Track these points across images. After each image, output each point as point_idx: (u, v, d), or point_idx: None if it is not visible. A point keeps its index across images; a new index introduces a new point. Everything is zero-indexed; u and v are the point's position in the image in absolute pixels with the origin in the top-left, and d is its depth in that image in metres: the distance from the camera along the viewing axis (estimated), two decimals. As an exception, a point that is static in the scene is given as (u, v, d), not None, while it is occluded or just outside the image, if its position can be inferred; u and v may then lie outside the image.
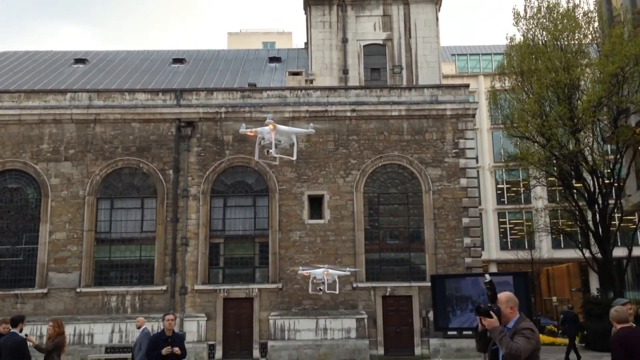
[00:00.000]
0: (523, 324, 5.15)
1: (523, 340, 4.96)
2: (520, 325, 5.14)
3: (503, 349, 4.95)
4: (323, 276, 17.98)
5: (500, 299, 5.24)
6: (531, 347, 4.96)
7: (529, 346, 4.95)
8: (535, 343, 5.03)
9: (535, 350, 5.04)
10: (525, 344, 4.93)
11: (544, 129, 25.57)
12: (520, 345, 4.91)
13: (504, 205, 41.35)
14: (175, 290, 24.12)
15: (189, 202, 24.93)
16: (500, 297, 5.26)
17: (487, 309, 5.07)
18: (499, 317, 5.09)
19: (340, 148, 25.57)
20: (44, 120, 25.30)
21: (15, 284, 24.05)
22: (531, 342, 4.99)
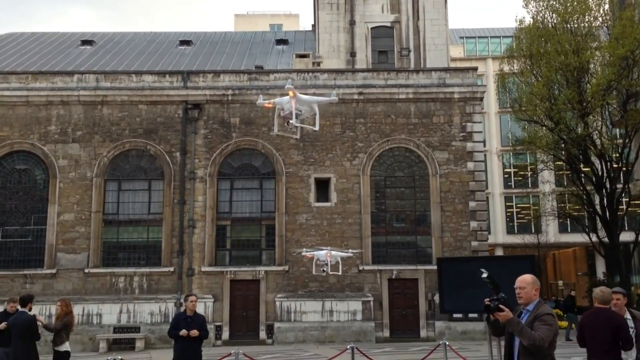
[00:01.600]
0: (542, 308, 5.06)
1: (545, 328, 4.87)
2: (540, 310, 5.04)
3: (525, 340, 4.82)
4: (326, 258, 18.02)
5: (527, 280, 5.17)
6: (552, 334, 4.90)
7: (551, 334, 4.89)
8: (555, 329, 4.97)
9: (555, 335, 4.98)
10: (548, 332, 4.86)
11: (552, 113, 25.41)
12: (543, 334, 4.82)
13: (511, 189, 41.23)
14: (183, 271, 24.30)
15: (195, 185, 25.01)
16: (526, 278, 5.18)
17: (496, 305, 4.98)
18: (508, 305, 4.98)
19: (347, 131, 25.52)
20: (52, 101, 25.35)
21: (24, 265, 24.29)
22: (553, 328, 4.93)
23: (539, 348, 4.78)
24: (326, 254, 18.04)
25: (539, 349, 4.78)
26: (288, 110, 9.88)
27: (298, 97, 9.78)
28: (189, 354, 10.09)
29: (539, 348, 4.78)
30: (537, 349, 4.79)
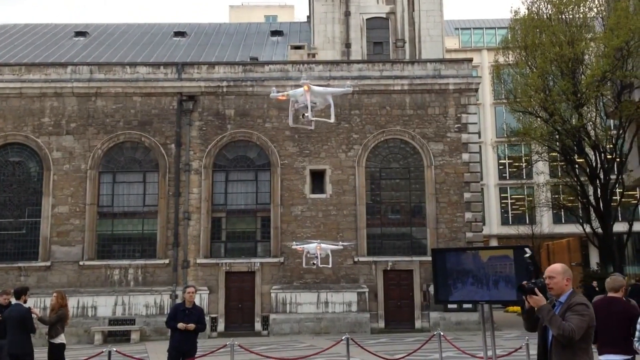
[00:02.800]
0: (576, 298, 4.77)
1: (577, 318, 4.58)
2: (573, 300, 4.75)
3: (554, 329, 4.56)
4: (316, 250, 18.02)
5: (557, 269, 4.89)
6: (586, 325, 4.61)
7: (583, 324, 4.59)
8: (589, 320, 4.66)
9: (589, 327, 4.69)
10: (579, 322, 4.57)
11: (547, 104, 25.46)
12: (574, 325, 4.54)
13: (506, 180, 41.37)
14: (178, 263, 24.30)
15: (190, 177, 24.97)
16: (556, 267, 4.91)
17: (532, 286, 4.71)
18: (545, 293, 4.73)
19: (342, 122, 25.49)
20: (45, 93, 25.22)
21: (18, 257, 24.24)
22: (585, 319, 4.63)
23: (568, 339, 4.52)
24: (316, 246, 18.04)
25: (569, 340, 4.52)
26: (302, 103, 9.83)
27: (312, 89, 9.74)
28: (184, 345, 10.20)
29: (569, 339, 4.52)
30: (566, 340, 4.53)
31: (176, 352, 10.24)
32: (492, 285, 8.56)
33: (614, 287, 7.11)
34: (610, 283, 7.16)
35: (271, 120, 25.44)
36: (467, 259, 8.95)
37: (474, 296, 8.72)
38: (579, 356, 4.63)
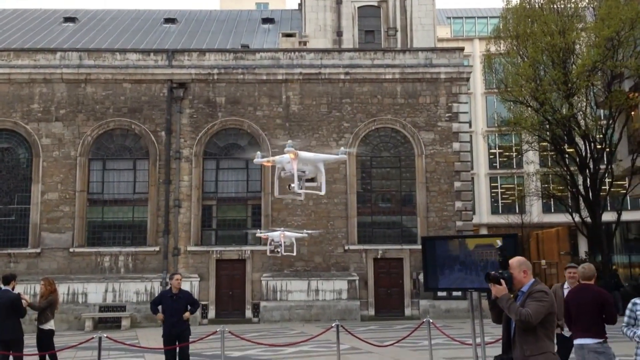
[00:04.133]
0: (537, 287, 4.94)
1: (535, 304, 4.75)
2: (534, 288, 4.93)
3: (513, 316, 4.75)
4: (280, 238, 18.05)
5: (512, 264, 5.03)
6: (544, 310, 4.76)
7: (542, 309, 4.75)
8: (549, 306, 4.81)
9: (550, 313, 4.84)
10: (537, 308, 4.73)
11: (537, 94, 25.51)
12: (530, 310, 4.71)
13: (496, 169, 41.51)
14: (168, 251, 24.28)
15: (181, 164, 24.90)
16: (512, 262, 5.05)
17: (498, 275, 4.86)
18: (510, 284, 4.88)
19: (333, 111, 25.47)
20: (34, 79, 24.99)
21: (8, 244, 24.13)
22: (544, 305, 4.77)
23: (526, 323, 4.69)
24: (280, 234, 18.06)
25: (527, 324, 4.70)
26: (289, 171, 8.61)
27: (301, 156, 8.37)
28: (174, 330, 10.41)
29: (527, 323, 4.69)
30: (524, 325, 4.71)
31: (168, 337, 10.46)
32: (481, 273, 8.63)
33: (588, 276, 7.36)
34: (583, 272, 7.39)
35: (262, 108, 25.37)
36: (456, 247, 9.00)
37: (463, 284, 8.79)
38: (541, 340, 4.77)
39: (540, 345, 4.78)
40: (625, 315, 6.72)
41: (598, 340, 7.00)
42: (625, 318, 6.72)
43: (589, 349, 6.96)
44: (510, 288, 4.87)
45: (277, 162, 8.45)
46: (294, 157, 8.06)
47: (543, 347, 4.79)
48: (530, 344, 4.76)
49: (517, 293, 4.94)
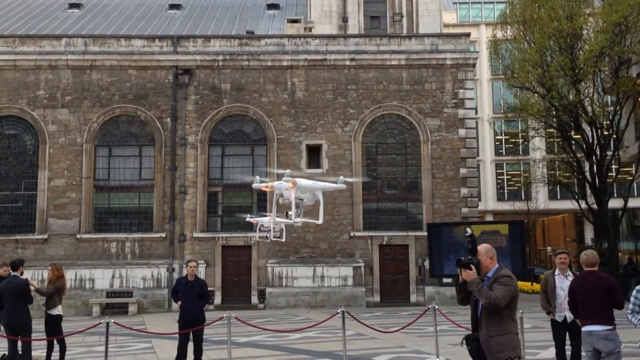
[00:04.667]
0: (502, 272, 5.25)
1: (502, 288, 5.06)
2: (500, 273, 5.24)
3: (482, 299, 5.05)
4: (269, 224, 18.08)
5: (480, 251, 5.33)
6: (510, 294, 5.07)
7: (508, 293, 5.06)
8: (513, 290, 5.13)
9: (514, 297, 5.15)
10: (504, 292, 5.04)
11: (544, 79, 25.36)
12: (499, 294, 5.02)
13: (502, 156, 41.41)
14: (175, 237, 24.38)
15: (187, 151, 24.93)
16: (479, 249, 5.34)
17: (467, 261, 5.17)
18: (479, 270, 5.18)
19: (338, 97, 25.40)
20: (40, 66, 25.00)
21: (15, 230, 24.27)
22: (509, 289, 5.09)
23: (494, 306, 4.98)
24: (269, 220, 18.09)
25: (495, 307, 4.98)
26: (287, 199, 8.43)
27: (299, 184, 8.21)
28: (189, 316, 10.77)
29: (495, 306, 4.98)
30: (493, 307, 5.00)
31: (184, 323, 10.85)
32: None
33: (592, 262, 7.34)
34: (586, 259, 7.36)
35: (267, 94, 25.33)
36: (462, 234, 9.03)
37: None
38: (505, 322, 5.08)
39: (503, 327, 5.09)
40: (630, 302, 6.73)
41: (607, 327, 6.95)
42: (630, 305, 6.72)
43: (598, 335, 6.94)
44: (477, 273, 5.18)
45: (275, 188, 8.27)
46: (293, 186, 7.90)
47: (506, 328, 5.11)
48: (495, 325, 5.07)
49: (483, 278, 5.26)
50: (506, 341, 5.06)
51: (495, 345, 5.03)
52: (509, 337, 5.09)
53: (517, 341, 5.17)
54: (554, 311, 8.95)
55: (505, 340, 5.05)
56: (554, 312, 8.96)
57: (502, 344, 5.03)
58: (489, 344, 5.06)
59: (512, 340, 5.11)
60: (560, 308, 8.90)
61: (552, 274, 9.18)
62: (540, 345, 11.90)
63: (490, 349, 5.05)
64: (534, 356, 10.75)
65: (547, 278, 9.21)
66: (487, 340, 5.07)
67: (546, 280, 9.18)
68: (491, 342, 5.04)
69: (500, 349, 5.02)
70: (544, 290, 9.19)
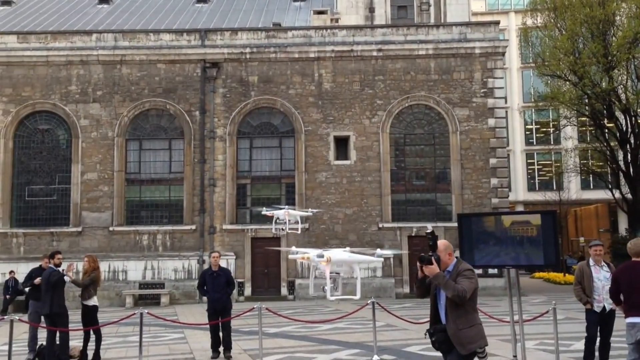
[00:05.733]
0: (462, 266, 5.48)
1: (467, 281, 5.29)
2: (460, 267, 5.46)
3: (449, 292, 5.24)
4: (284, 216, 18.15)
5: (439, 247, 5.51)
6: (473, 286, 5.32)
7: (472, 285, 5.31)
8: (475, 282, 5.37)
9: (475, 289, 5.39)
10: (469, 284, 5.28)
11: (576, 67, 24.92)
12: (464, 286, 5.24)
13: (533, 146, 40.83)
14: (204, 229, 24.65)
15: (215, 144, 25.13)
16: (439, 245, 5.53)
17: (429, 257, 5.35)
18: (439, 265, 5.37)
19: (366, 88, 25.30)
20: (71, 61, 25.43)
21: (50, 223, 24.82)
22: (473, 281, 5.33)
23: (461, 298, 5.20)
24: (284, 212, 18.16)
25: (462, 299, 5.20)
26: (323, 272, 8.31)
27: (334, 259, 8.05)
28: (217, 305, 11.25)
29: (462, 298, 5.20)
30: (460, 299, 5.21)
31: (212, 312, 11.30)
32: (519, 250, 8.57)
33: (638, 252, 7.16)
34: (632, 248, 7.21)
35: (295, 86, 25.36)
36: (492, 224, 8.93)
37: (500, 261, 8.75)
38: (470, 314, 5.35)
39: (469, 319, 5.33)
40: None
41: None
42: None
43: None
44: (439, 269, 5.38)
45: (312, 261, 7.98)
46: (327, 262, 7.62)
47: (471, 320, 5.35)
48: (461, 317, 5.31)
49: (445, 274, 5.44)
50: (475, 332, 5.32)
51: (464, 338, 5.28)
52: (477, 328, 5.35)
53: (483, 331, 5.43)
54: (592, 301, 8.90)
55: (474, 332, 5.32)
56: (592, 302, 8.91)
57: (471, 335, 5.30)
58: (458, 336, 5.29)
59: (480, 331, 5.37)
60: (599, 298, 8.85)
61: (587, 265, 9.12)
62: (573, 336, 11.76)
63: (461, 342, 5.27)
64: (567, 347, 10.63)
65: (582, 269, 9.16)
66: (456, 333, 5.29)
67: (581, 271, 9.12)
68: (460, 334, 5.28)
69: (470, 340, 5.28)
70: (579, 281, 9.11)
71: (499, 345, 11.56)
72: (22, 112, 25.27)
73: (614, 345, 9.22)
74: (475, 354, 5.34)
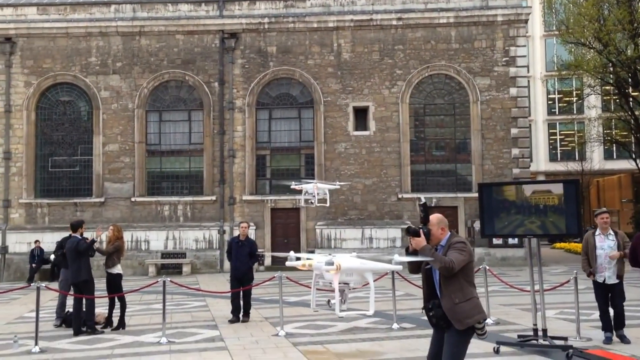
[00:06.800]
0: (455, 239, 5.27)
1: (456, 252, 5.09)
2: (453, 240, 5.26)
3: (436, 264, 5.05)
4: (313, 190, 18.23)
5: (432, 221, 5.31)
6: (464, 259, 5.08)
7: (462, 257, 5.07)
8: (468, 255, 5.14)
9: (469, 262, 5.17)
10: (458, 256, 5.06)
11: (601, 34, 24.34)
12: (453, 257, 5.04)
13: (555, 115, 40.24)
14: (224, 200, 24.85)
15: (234, 115, 25.15)
16: (431, 219, 5.33)
17: (417, 229, 5.15)
18: (428, 239, 5.16)
19: (385, 58, 25.02)
20: (91, 33, 25.48)
21: (73, 193, 25.22)
22: (463, 254, 5.10)
23: (449, 270, 5.00)
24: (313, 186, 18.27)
25: (449, 270, 5.00)
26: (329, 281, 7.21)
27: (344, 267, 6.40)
28: (238, 273, 11.64)
29: (449, 270, 4.99)
30: (447, 271, 5.02)
31: (234, 280, 11.66)
32: (540, 220, 8.52)
33: None
34: None
35: (313, 57, 25.17)
36: (513, 194, 8.88)
37: (521, 231, 8.71)
38: (465, 287, 5.14)
39: (465, 292, 5.11)
40: None
41: None
42: None
43: None
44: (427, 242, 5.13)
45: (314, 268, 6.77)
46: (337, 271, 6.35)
47: (468, 293, 5.13)
48: (456, 292, 5.10)
49: (437, 247, 5.24)
50: (471, 306, 5.11)
51: (461, 312, 5.07)
52: (473, 302, 5.14)
53: (480, 305, 5.23)
54: (595, 272, 8.81)
55: (471, 306, 5.11)
56: (594, 274, 8.82)
57: (468, 309, 5.08)
58: (454, 311, 5.08)
59: (477, 304, 5.16)
60: (601, 268, 8.76)
61: (593, 235, 8.98)
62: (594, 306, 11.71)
63: (458, 317, 5.07)
64: (588, 317, 10.61)
65: (587, 239, 9.04)
66: (452, 307, 5.09)
67: (586, 241, 9.01)
68: (457, 309, 5.07)
69: (467, 315, 5.07)
70: (585, 252, 9.00)
71: (520, 314, 11.59)
72: (43, 84, 25.48)
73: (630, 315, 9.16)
74: (473, 329, 5.13)
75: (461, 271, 5.11)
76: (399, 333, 10.11)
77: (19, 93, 25.35)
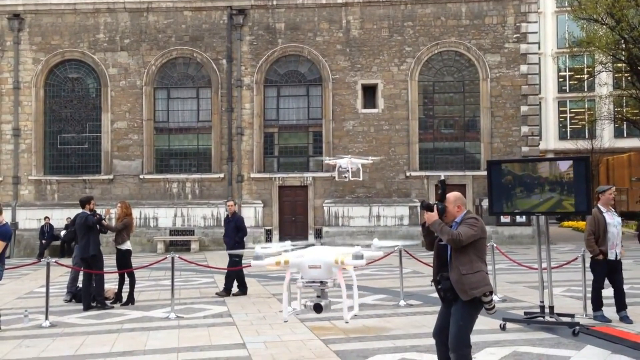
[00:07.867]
0: (469, 215, 5.32)
1: (466, 227, 5.14)
2: (467, 216, 5.30)
3: (445, 237, 5.10)
4: (347, 165, 18.32)
5: (449, 199, 5.35)
6: (473, 233, 5.11)
7: (471, 232, 5.11)
8: (479, 231, 5.16)
9: (481, 238, 5.18)
10: (467, 230, 5.11)
11: (614, 10, 23.99)
12: (461, 230, 5.10)
13: (565, 93, 39.85)
14: (232, 178, 24.89)
15: (242, 92, 25.07)
16: (448, 196, 5.36)
17: (431, 204, 5.20)
18: (441, 215, 5.21)
19: (394, 35, 24.78)
20: (99, 9, 25.35)
21: (82, 170, 25.34)
22: (473, 229, 5.13)
23: (457, 242, 5.05)
24: (347, 161, 18.37)
25: (457, 243, 5.05)
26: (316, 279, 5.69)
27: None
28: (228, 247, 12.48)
29: (457, 242, 5.05)
30: (455, 244, 5.08)
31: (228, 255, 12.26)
32: (549, 197, 8.47)
33: None
34: None
35: (322, 33, 24.96)
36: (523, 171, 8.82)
37: (530, 208, 8.67)
38: (475, 262, 5.17)
39: (474, 266, 5.14)
40: None
41: None
42: None
43: None
44: (441, 218, 5.21)
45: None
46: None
47: (476, 267, 5.15)
48: (465, 264, 5.14)
49: (452, 224, 5.28)
50: (479, 278, 5.13)
51: (468, 283, 5.10)
52: (481, 274, 5.15)
53: (487, 278, 5.25)
54: (606, 250, 8.67)
55: (478, 278, 5.12)
56: (605, 252, 8.66)
57: (475, 281, 5.10)
58: (461, 282, 5.11)
59: (484, 277, 5.18)
60: (612, 245, 8.67)
61: (600, 212, 8.82)
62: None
63: (464, 287, 5.10)
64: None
65: (596, 217, 8.74)
66: (459, 279, 5.12)
67: (596, 219, 8.71)
68: (464, 280, 5.11)
69: (473, 286, 5.09)
70: (593, 231, 8.72)
71: (527, 291, 11.61)
72: (51, 61, 25.45)
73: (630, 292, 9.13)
74: (481, 303, 5.14)
75: (472, 247, 5.14)
76: (406, 310, 10.15)
77: (27, 70, 25.35)
